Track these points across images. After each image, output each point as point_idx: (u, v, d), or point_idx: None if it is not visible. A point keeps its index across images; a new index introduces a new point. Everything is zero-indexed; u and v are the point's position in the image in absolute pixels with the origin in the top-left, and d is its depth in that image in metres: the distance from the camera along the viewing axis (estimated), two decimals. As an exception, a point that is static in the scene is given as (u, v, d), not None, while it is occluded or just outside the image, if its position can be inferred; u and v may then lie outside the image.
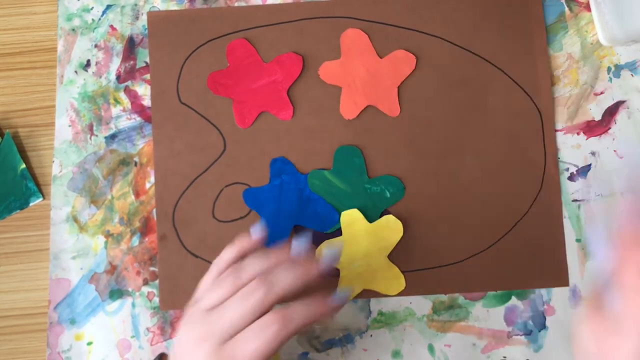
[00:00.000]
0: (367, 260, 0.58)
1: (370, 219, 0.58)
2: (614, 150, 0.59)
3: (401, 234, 0.57)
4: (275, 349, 0.42)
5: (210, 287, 0.46)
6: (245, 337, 0.42)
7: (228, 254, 0.48)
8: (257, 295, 0.43)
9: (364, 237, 0.58)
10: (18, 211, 0.60)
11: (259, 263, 0.46)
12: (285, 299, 0.44)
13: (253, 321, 0.43)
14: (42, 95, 0.61)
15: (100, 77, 0.60)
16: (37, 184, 0.60)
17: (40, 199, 0.60)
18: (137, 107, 0.60)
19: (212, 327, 0.43)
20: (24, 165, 0.60)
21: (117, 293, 0.58)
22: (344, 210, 0.58)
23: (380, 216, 0.58)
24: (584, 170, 0.59)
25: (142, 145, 0.59)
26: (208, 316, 0.44)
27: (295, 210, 0.58)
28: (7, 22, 0.62)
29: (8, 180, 0.60)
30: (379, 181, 0.58)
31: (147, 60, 0.60)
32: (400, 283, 0.58)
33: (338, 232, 0.58)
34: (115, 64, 0.61)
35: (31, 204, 0.60)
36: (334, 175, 0.58)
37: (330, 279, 0.57)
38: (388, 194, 0.58)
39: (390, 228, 0.58)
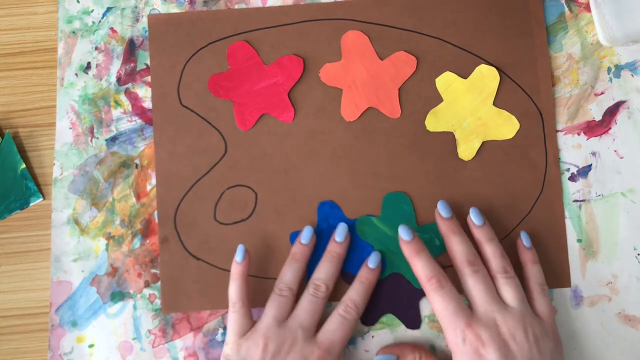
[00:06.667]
0: (476, 114, 0.58)
1: None
2: (615, 151, 0.59)
3: (498, 78, 0.58)
4: (352, 331, 0.54)
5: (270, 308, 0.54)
6: (333, 326, 0.53)
7: (288, 275, 0.55)
8: (320, 295, 0.54)
9: (465, 93, 0.59)
10: (18, 211, 0.60)
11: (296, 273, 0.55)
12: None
13: (320, 312, 0.54)
14: (43, 96, 0.61)
15: (101, 79, 0.60)
16: (37, 184, 0.60)
17: (41, 199, 0.60)
18: (138, 110, 0.60)
19: (295, 330, 0.52)
20: (24, 165, 0.60)
21: (118, 295, 0.58)
22: (391, 257, 0.57)
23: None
24: (585, 171, 0.59)
25: (143, 147, 0.59)
26: (285, 326, 0.53)
27: None
28: (7, 23, 0.62)
29: (8, 180, 0.60)
30: (428, 229, 0.58)
31: (148, 62, 0.60)
32: (514, 123, 0.59)
33: (385, 280, 0.57)
34: (116, 66, 0.60)
35: (31, 204, 0.60)
36: (383, 222, 0.58)
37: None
38: (437, 242, 0.57)
39: (486, 76, 0.58)
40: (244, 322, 0.53)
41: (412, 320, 0.57)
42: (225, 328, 0.57)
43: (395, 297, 0.57)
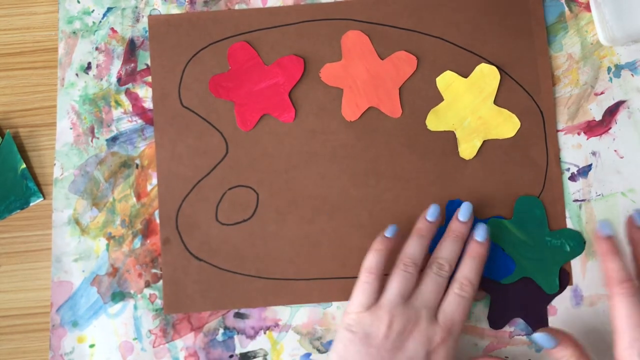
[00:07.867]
0: (476, 113, 0.59)
1: (549, 272, 0.57)
2: (615, 150, 0.59)
3: (498, 77, 0.59)
4: (470, 309, 0.54)
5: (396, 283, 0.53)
6: (451, 306, 0.52)
7: (415, 249, 0.54)
8: (444, 274, 0.53)
9: (465, 92, 0.59)
10: (18, 211, 0.60)
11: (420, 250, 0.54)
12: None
13: (443, 292, 0.53)
14: (43, 95, 0.61)
15: (101, 79, 0.60)
16: (38, 184, 0.60)
17: (41, 199, 0.60)
18: (138, 110, 0.60)
19: (419, 309, 0.52)
20: (24, 165, 0.59)
21: (119, 295, 0.58)
22: (521, 261, 0.57)
23: (560, 271, 0.57)
24: (585, 170, 0.59)
25: (143, 147, 0.59)
26: (409, 304, 0.52)
27: None
28: (7, 22, 0.62)
29: (8, 180, 0.60)
30: (559, 234, 0.57)
31: (148, 62, 0.60)
32: (515, 122, 0.59)
33: (515, 284, 0.57)
34: (116, 67, 0.60)
35: (31, 204, 0.60)
36: (514, 225, 0.58)
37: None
38: (568, 248, 0.57)
39: (487, 75, 0.59)
40: (373, 295, 0.52)
41: (539, 324, 0.57)
42: (226, 328, 0.58)
43: (525, 301, 0.57)
